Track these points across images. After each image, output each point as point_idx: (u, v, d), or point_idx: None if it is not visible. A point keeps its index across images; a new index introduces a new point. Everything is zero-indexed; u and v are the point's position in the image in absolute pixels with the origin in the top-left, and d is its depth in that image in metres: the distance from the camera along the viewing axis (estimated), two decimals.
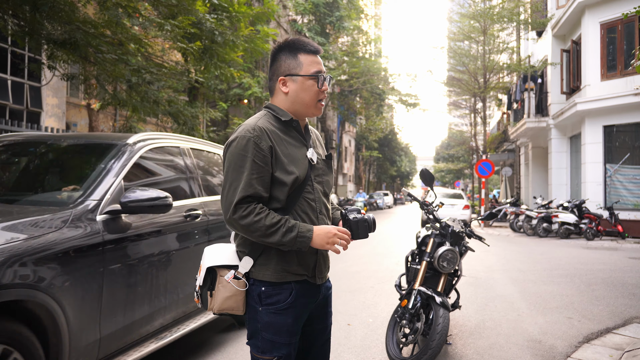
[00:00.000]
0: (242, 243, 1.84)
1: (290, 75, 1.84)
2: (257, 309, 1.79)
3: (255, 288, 1.79)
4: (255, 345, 1.82)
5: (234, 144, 1.76)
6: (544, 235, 14.19)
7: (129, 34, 7.63)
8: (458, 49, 23.53)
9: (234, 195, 1.71)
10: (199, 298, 1.86)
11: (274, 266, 1.78)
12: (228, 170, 1.76)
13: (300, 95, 1.84)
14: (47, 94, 13.19)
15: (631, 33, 14.04)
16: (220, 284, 1.78)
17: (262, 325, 1.79)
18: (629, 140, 14.63)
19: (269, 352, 1.79)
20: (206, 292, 1.82)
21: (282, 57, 1.86)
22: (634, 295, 6.14)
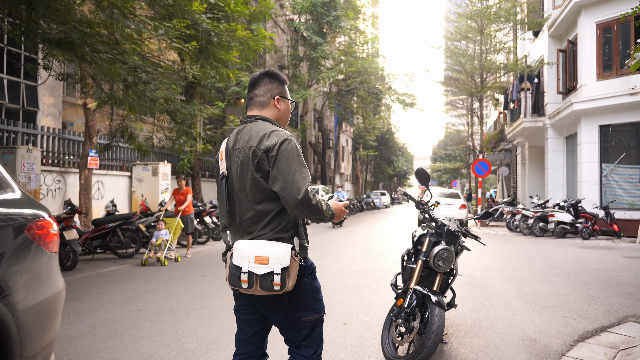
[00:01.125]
0: (282, 229, 2.15)
1: (283, 97, 2.35)
2: (303, 280, 2.17)
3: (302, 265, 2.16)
4: (312, 310, 2.21)
5: (287, 143, 2.11)
6: (540, 235, 14.23)
7: (125, 34, 7.61)
8: (455, 48, 23.58)
9: (303, 182, 2.06)
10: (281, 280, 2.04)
11: (305, 246, 2.25)
12: (288, 162, 2.08)
13: (286, 112, 2.38)
14: (43, 93, 13.15)
15: (627, 33, 14.09)
16: (292, 263, 2.07)
17: (312, 291, 2.21)
18: (624, 140, 14.68)
19: (321, 309, 2.26)
20: (285, 273, 2.05)
21: (275, 82, 2.34)
22: (629, 294, 6.17)
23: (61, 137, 12.10)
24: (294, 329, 2.21)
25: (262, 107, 2.30)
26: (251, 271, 2.04)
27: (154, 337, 4.31)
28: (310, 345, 2.23)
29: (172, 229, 9.14)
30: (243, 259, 2.06)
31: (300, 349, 2.24)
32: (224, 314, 5.07)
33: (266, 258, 2.04)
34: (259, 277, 2.04)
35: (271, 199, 2.13)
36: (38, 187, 10.24)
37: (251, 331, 2.32)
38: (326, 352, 3.95)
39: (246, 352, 2.33)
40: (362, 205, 32.82)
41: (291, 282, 2.06)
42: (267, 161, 2.10)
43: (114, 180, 13.72)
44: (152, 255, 8.69)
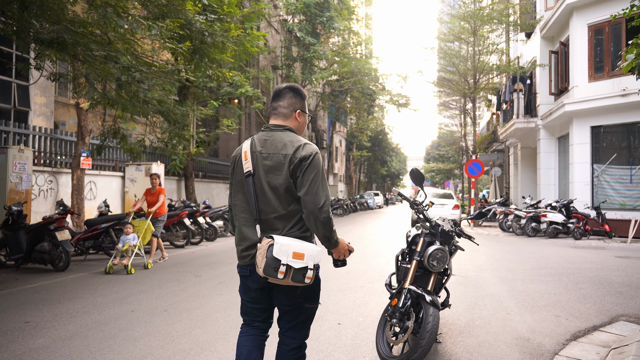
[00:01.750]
0: (306, 229, 2.46)
1: (303, 111, 2.65)
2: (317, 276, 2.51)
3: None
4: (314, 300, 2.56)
5: (318, 156, 2.44)
6: (532, 235, 14.32)
7: (118, 33, 7.57)
8: (448, 49, 23.65)
9: (326, 194, 2.38)
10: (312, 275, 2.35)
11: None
12: (317, 174, 2.38)
13: (303, 124, 2.68)
14: (35, 93, 13.05)
15: (618, 35, 14.22)
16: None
17: (318, 284, 2.58)
18: (615, 141, 14.81)
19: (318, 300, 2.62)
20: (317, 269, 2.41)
21: (298, 97, 2.63)
22: (621, 293, 6.23)
23: (53, 137, 12.01)
24: (295, 313, 2.53)
25: (285, 118, 2.60)
26: (289, 264, 2.29)
27: (148, 338, 4.30)
28: (302, 328, 2.57)
29: (141, 232, 8.44)
30: (283, 253, 2.30)
31: (292, 330, 2.56)
32: (218, 315, 5.06)
33: (302, 255, 2.33)
34: (294, 270, 2.31)
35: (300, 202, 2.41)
36: (30, 188, 10.16)
37: (261, 315, 2.66)
38: (320, 352, 3.96)
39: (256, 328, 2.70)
40: (355, 206, 32.86)
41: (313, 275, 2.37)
42: (300, 168, 2.38)
43: (106, 181, 13.65)
44: (118, 262, 7.83)
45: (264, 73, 21.33)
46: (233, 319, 4.92)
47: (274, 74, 26.34)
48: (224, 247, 11.29)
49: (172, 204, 12.38)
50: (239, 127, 23.93)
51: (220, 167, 21.71)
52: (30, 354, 3.90)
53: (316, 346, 4.09)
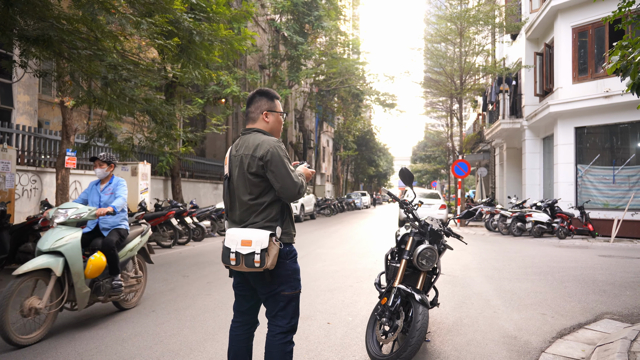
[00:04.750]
0: (271, 218, 2.66)
1: (271, 111, 2.82)
2: (286, 262, 2.68)
3: (283, 249, 2.67)
4: (289, 287, 2.70)
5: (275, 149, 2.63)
6: (518, 234, 14.48)
7: (104, 31, 7.49)
8: (435, 50, 23.79)
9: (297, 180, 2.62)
10: (260, 259, 2.54)
11: (289, 233, 2.74)
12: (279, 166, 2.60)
13: (274, 124, 2.85)
14: (18, 91, 12.86)
15: (601, 37, 14.45)
16: (270, 246, 2.57)
17: (291, 272, 2.70)
18: (599, 142, 15.04)
19: (298, 287, 2.74)
20: (264, 253, 2.55)
21: (264, 99, 2.82)
22: (605, 291, 6.33)
23: (37, 136, 11.84)
24: (274, 301, 2.70)
25: (254, 121, 2.82)
26: (238, 251, 2.58)
27: (136, 339, 4.26)
28: (285, 316, 2.70)
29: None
30: (232, 242, 2.61)
31: (275, 318, 2.72)
32: (207, 315, 5.04)
33: (250, 241, 2.57)
34: (244, 256, 2.56)
35: (262, 195, 2.65)
36: (13, 187, 10.00)
37: (247, 304, 2.86)
38: (310, 351, 3.96)
39: (243, 320, 2.89)
40: (342, 206, 32.90)
41: (270, 261, 2.55)
42: (262, 166, 2.61)
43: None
44: None
45: (251, 74, 21.26)
46: (222, 319, 4.90)
47: (261, 73, 26.27)
48: (211, 247, 11.22)
49: (159, 204, 12.28)
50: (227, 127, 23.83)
51: (207, 167, 21.58)
52: (17, 356, 3.84)
53: (306, 345, 4.09)
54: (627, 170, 14.06)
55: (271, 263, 2.57)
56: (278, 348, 2.68)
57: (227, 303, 5.57)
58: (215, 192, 21.41)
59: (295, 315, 2.76)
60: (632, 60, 4.58)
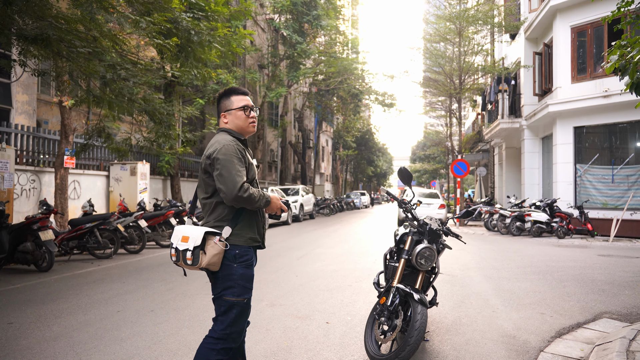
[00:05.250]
0: (221, 218, 2.62)
1: (226, 110, 2.79)
2: (233, 266, 2.58)
3: (232, 251, 2.58)
4: (232, 292, 2.57)
5: (224, 149, 2.58)
6: (517, 234, 14.48)
7: (102, 30, 7.48)
8: (434, 50, 23.78)
9: (237, 179, 2.51)
10: (192, 256, 2.52)
11: (245, 235, 2.64)
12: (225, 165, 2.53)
13: (235, 122, 2.78)
14: (17, 91, 12.84)
15: (600, 37, 14.45)
16: (209, 245, 2.53)
17: (237, 277, 2.58)
18: (598, 141, 15.05)
19: (243, 294, 2.60)
20: (199, 251, 2.51)
21: (222, 101, 2.82)
22: (603, 291, 6.33)
23: (36, 135, 11.82)
24: (217, 303, 2.62)
25: (219, 124, 2.85)
26: (177, 247, 2.59)
27: (134, 339, 4.25)
28: (223, 322, 2.59)
29: None
30: (175, 237, 2.63)
31: (215, 322, 2.63)
32: (206, 314, 5.03)
33: (187, 237, 2.56)
34: (180, 251, 2.57)
35: (213, 195, 2.65)
36: (12, 187, 9.99)
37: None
38: (309, 350, 3.96)
39: None
40: (342, 205, 32.91)
41: (207, 261, 2.51)
42: (210, 164, 2.60)
43: (90, 180, 13.47)
44: None
45: (250, 73, 21.25)
46: None
47: (260, 73, 26.25)
48: None
49: (158, 204, 12.28)
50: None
51: None
52: (14, 355, 3.84)
53: (304, 345, 4.09)
54: (626, 170, 14.06)
55: (208, 263, 2.51)
56: (202, 352, 2.56)
57: None
58: None
59: (235, 325, 2.60)
60: (630, 60, 4.58)
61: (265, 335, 4.36)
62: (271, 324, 4.69)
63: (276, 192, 18.56)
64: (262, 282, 6.81)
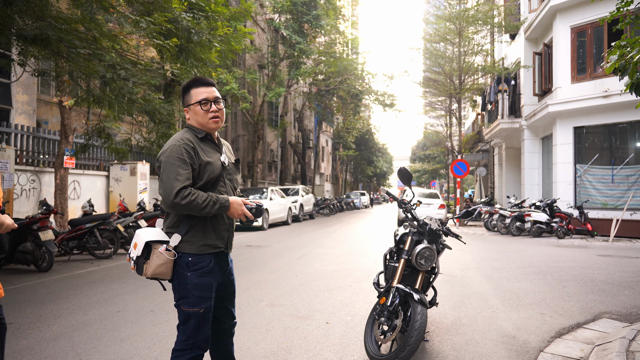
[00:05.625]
0: (172, 225, 2.45)
1: (187, 106, 2.58)
2: (187, 275, 2.42)
3: (184, 259, 2.42)
4: (187, 302, 2.43)
5: (168, 150, 2.39)
6: (517, 234, 14.48)
7: (102, 30, 7.48)
8: (434, 50, 23.79)
9: (174, 184, 2.30)
10: (134, 265, 2.43)
11: (198, 242, 2.44)
12: (166, 167, 2.35)
13: (195, 117, 2.55)
14: (17, 91, 12.84)
15: (600, 37, 14.46)
16: (155, 254, 2.38)
17: (191, 286, 2.42)
18: (597, 141, 15.05)
19: (198, 305, 2.43)
20: (142, 261, 2.40)
21: (184, 96, 2.60)
22: (603, 291, 6.33)
23: (36, 135, 11.82)
24: (178, 312, 2.50)
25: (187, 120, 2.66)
26: (130, 254, 2.48)
27: (134, 339, 4.25)
28: (184, 331, 2.46)
29: None
30: (132, 244, 2.48)
31: (178, 331, 2.51)
32: None
33: (136, 244, 2.43)
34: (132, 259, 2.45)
35: None
36: (12, 187, 9.99)
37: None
38: (309, 350, 3.96)
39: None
40: (342, 206, 32.92)
41: (151, 271, 2.38)
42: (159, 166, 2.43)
43: (90, 180, 13.47)
44: None
45: (249, 73, 21.25)
46: None
47: (260, 73, 26.26)
48: None
49: (158, 204, 12.28)
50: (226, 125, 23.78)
51: None
52: (14, 356, 3.84)
53: (304, 345, 4.09)
54: (625, 170, 14.07)
55: (153, 273, 2.37)
56: None
57: None
58: None
59: (197, 334, 2.45)
60: (630, 60, 4.58)
61: (265, 335, 4.36)
62: (271, 324, 4.69)
63: (276, 193, 18.56)
64: (262, 282, 6.82)
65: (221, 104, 2.57)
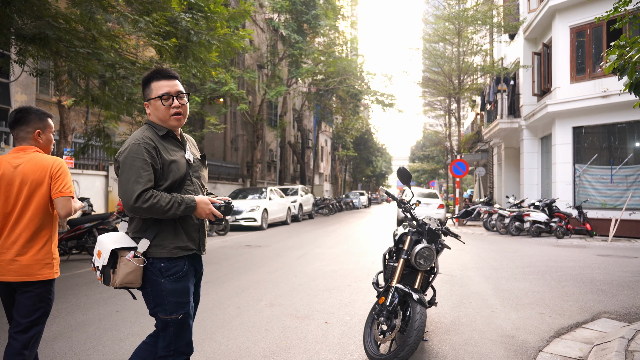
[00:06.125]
0: (138, 229, 2.28)
1: (148, 100, 2.39)
2: (160, 281, 2.26)
3: (156, 264, 2.25)
4: (163, 310, 2.28)
5: (127, 150, 2.22)
6: (516, 234, 14.49)
7: (101, 30, 7.47)
8: (433, 50, 23.80)
9: (135, 187, 2.15)
10: (101, 276, 2.28)
11: (169, 245, 2.27)
12: (126, 168, 2.19)
13: (155, 113, 2.37)
14: (15, 91, 12.83)
15: (599, 37, 14.47)
16: (122, 262, 2.22)
17: (167, 293, 2.27)
18: (596, 141, 15.06)
19: (176, 311, 2.29)
20: (109, 270, 2.25)
21: (144, 89, 2.42)
22: (602, 291, 6.34)
23: None
24: (156, 320, 2.35)
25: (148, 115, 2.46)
26: (94, 263, 2.32)
27: (133, 338, 4.25)
28: (164, 338, 2.34)
29: None
30: (95, 251, 2.32)
31: (159, 335, 2.38)
32: (205, 314, 5.03)
33: (100, 252, 2.27)
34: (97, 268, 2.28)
35: None
36: None
37: None
38: (308, 350, 3.96)
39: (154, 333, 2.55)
40: (341, 205, 32.92)
41: (119, 280, 2.22)
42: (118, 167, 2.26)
43: (89, 180, 13.47)
44: None
45: (247, 72, 21.24)
46: (219, 318, 4.90)
47: (259, 72, 26.25)
48: (209, 246, 11.21)
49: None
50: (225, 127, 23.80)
51: None
52: None
53: (303, 345, 4.09)
54: (624, 170, 14.08)
55: (122, 282, 2.22)
56: None
57: (225, 303, 5.57)
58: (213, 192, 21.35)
59: (178, 340, 2.34)
60: (629, 60, 4.58)
61: (264, 335, 4.36)
62: (270, 324, 4.69)
63: (275, 192, 18.55)
64: (261, 282, 6.81)
65: (184, 99, 2.40)
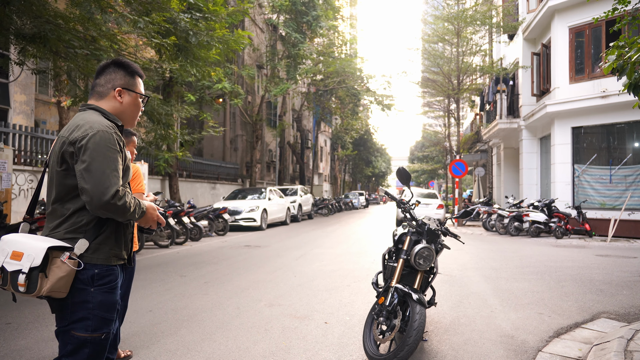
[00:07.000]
0: (75, 229, 1.94)
1: (127, 89, 2.14)
2: (89, 290, 1.92)
3: (88, 271, 1.92)
4: (84, 326, 1.91)
5: (98, 137, 1.91)
6: (515, 234, 14.50)
7: (101, 30, 7.48)
8: (432, 50, 23.82)
9: (113, 182, 1.88)
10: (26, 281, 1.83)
11: (107, 251, 1.98)
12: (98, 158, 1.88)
13: (130, 107, 2.17)
14: (15, 91, 12.82)
15: (598, 37, 14.48)
16: (54, 264, 1.85)
17: (94, 305, 1.92)
18: (595, 142, 15.08)
19: (100, 329, 1.94)
20: (37, 274, 1.83)
21: (120, 72, 2.14)
22: (601, 291, 6.34)
23: (34, 135, 11.81)
24: (62, 339, 1.95)
25: (100, 97, 2.12)
26: (4, 266, 1.87)
27: (133, 339, 4.25)
28: None
29: None
30: (2, 252, 1.89)
31: None
32: (204, 314, 5.03)
33: (21, 254, 1.85)
34: (9, 273, 1.86)
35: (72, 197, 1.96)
36: (10, 187, 9.97)
37: None
38: (307, 350, 3.96)
39: None
40: (340, 206, 32.93)
41: (49, 286, 1.83)
42: (73, 153, 1.91)
43: None
44: None
45: (246, 69, 21.21)
46: (219, 318, 4.90)
47: (258, 72, 26.25)
48: (208, 247, 11.21)
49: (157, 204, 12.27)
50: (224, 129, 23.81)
51: (205, 167, 21.58)
52: (13, 356, 3.83)
53: (303, 345, 4.09)
54: (623, 170, 14.10)
55: (51, 289, 1.83)
56: None
57: (225, 303, 5.57)
58: (212, 192, 21.39)
59: None
60: (628, 60, 4.59)
61: (264, 335, 4.36)
62: (270, 324, 4.69)
63: (274, 193, 18.54)
64: (260, 282, 6.81)
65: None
